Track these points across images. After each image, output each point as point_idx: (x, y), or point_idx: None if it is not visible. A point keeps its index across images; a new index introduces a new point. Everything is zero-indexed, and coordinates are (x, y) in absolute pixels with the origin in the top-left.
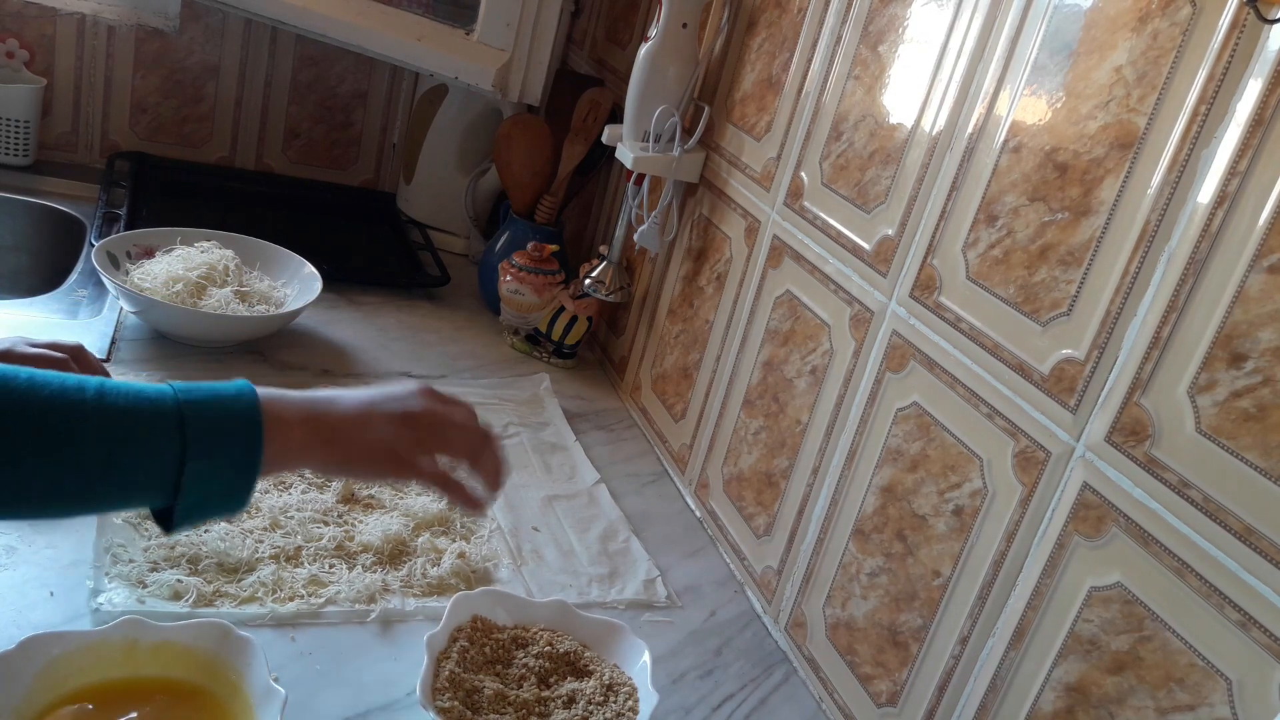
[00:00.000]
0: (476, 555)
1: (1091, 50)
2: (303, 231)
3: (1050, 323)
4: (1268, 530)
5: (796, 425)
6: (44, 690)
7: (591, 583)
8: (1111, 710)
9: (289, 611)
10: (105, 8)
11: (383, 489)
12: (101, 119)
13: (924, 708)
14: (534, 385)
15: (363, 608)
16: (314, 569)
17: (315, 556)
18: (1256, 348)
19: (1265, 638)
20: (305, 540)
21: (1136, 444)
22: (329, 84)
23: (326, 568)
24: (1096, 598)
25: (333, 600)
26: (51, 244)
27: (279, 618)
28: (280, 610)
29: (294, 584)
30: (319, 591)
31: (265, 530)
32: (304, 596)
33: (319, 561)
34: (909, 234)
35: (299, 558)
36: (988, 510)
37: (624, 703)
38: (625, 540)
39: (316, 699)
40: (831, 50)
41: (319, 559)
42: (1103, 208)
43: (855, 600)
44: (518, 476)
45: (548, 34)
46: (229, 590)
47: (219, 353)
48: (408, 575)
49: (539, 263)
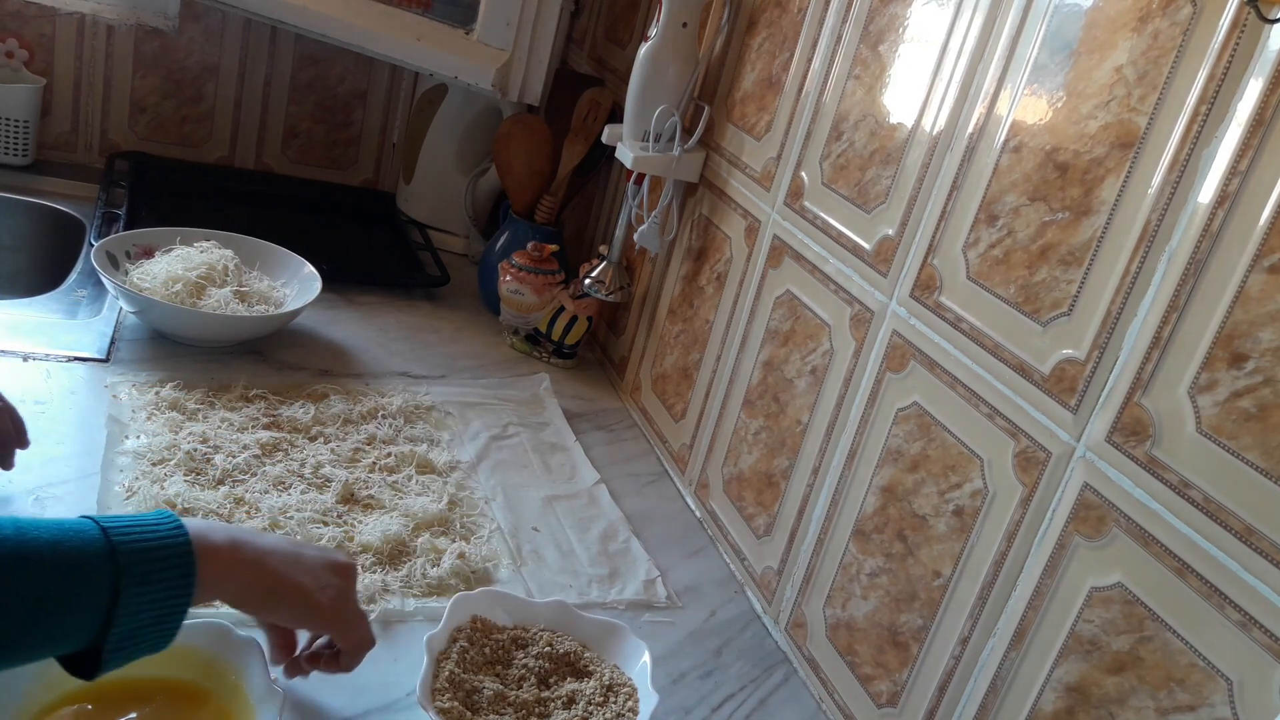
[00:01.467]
0: (476, 556)
1: (1092, 50)
2: (303, 231)
3: (1051, 323)
4: (1268, 530)
5: (796, 425)
6: (44, 690)
7: (592, 583)
8: (1112, 710)
9: None
10: (105, 7)
11: (381, 488)
12: (101, 119)
13: (924, 708)
14: (534, 385)
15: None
16: None
17: None
18: (1257, 348)
19: (1265, 638)
20: (305, 540)
21: (1137, 444)
22: (329, 84)
23: None
24: (1097, 598)
25: None
26: (51, 244)
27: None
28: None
29: None
30: None
31: (265, 531)
32: None
33: None
34: (909, 234)
35: None
36: (988, 510)
37: (624, 703)
38: (625, 541)
39: (316, 699)
40: (832, 50)
41: None
42: (1103, 208)
43: (855, 600)
44: (518, 476)
45: (548, 34)
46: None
47: (219, 353)
48: (407, 576)
49: (539, 263)
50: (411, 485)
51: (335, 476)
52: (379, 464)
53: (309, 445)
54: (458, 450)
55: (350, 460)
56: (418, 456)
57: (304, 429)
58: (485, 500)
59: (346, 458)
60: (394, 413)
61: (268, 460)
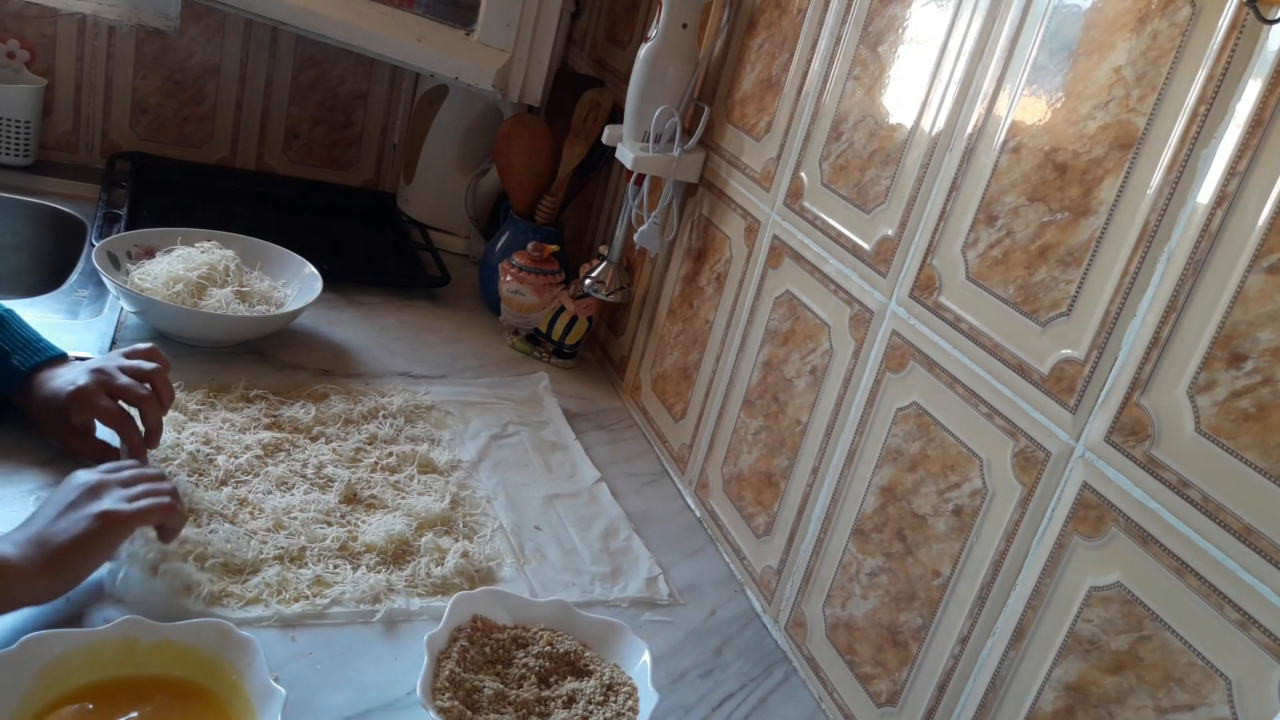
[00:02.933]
0: (480, 555)
1: (1091, 50)
2: (303, 232)
3: (1050, 323)
4: (1267, 530)
5: (796, 425)
6: (44, 690)
7: (595, 581)
8: (1111, 710)
9: (294, 613)
10: (106, 8)
11: (384, 488)
12: (102, 119)
13: (924, 707)
14: (533, 384)
15: (367, 608)
16: (318, 569)
17: (319, 557)
18: (1256, 348)
19: (1265, 637)
20: (309, 541)
21: (1136, 444)
22: (329, 84)
23: (331, 568)
24: (1096, 597)
25: (338, 600)
26: (52, 244)
27: (284, 619)
28: (285, 611)
29: (299, 585)
30: (324, 592)
31: (269, 531)
32: (309, 597)
33: (323, 562)
34: (909, 234)
35: (303, 558)
36: (987, 510)
37: (624, 702)
38: (627, 539)
39: (317, 698)
40: (831, 50)
41: (323, 559)
42: (1102, 208)
43: (855, 600)
44: (519, 475)
45: (548, 34)
46: (234, 590)
47: (219, 353)
48: (412, 575)
49: (539, 263)
50: (413, 485)
51: (338, 476)
52: (381, 464)
53: (311, 445)
54: (458, 449)
55: (352, 460)
56: (419, 456)
57: (305, 429)
58: (487, 499)
59: (348, 458)
60: (394, 412)
61: (270, 461)
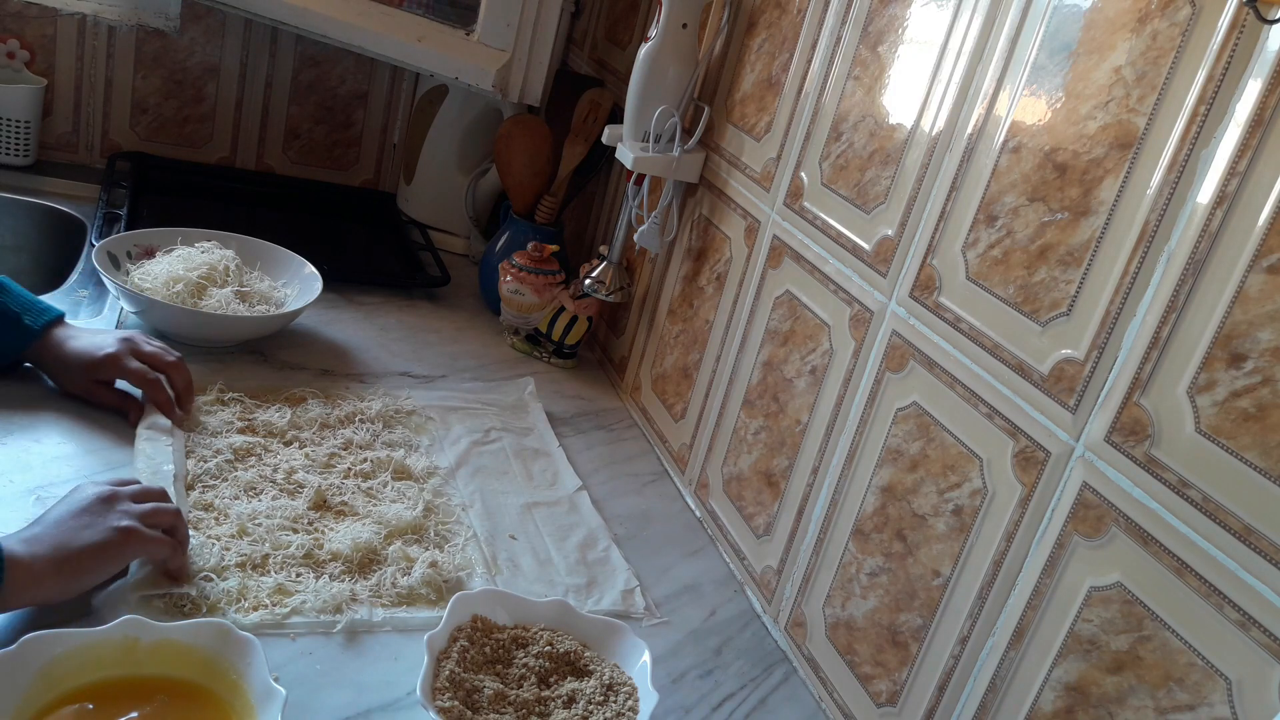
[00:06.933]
0: (449, 564)
1: (1091, 51)
2: (303, 231)
3: (1050, 323)
4: (1267, 530)
5: (796, 425)
6: (44, 690)
7: (569, 593)
8: (1111, 710)
9: (251, 622)
10: (106, 8)
11: (355, 495)
12: (102, 119)
13: (924, 707)
14: (518, 390)
15: (328, 618)
16: (280, 578)
17: (283, 565)
18: (1256, 348)
19: (1265, 637)
20: (273, 548)
21: (1136, 444)
22: (329, 84)
23: (293, 576)
24: (1096, 597)
25: (298, 610)
26: (52, 244)
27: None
28: (243, 621)
29: (259, 593)
30: (284, 601)
31: (232, 537)
32: (268, 606)
33: (286, 570)
34: (909, 234)
35: (266, 566)
36: (987, 510)
37: (624, 702)
38: (605, 549)
39: (317, 698)
40: (831, 51)
41: (286, 567)
42: (1102, 208)
43: (855, 600)
44: (497, 483)
45: (548, 34)
46: (192, 596)
47: (219, 353)
48: (376, 585)
49: (539, 263)
50: (386, 491)
51: (308, 482)
52: (354, 469)
53: (283, 450)
54: (437, 456)
55: (325, 466)
56: (394, 462)
57: (279, 433)
58: (462, 507)
59: (321, 463)
60: (372, 417)
61: (240, 465)
